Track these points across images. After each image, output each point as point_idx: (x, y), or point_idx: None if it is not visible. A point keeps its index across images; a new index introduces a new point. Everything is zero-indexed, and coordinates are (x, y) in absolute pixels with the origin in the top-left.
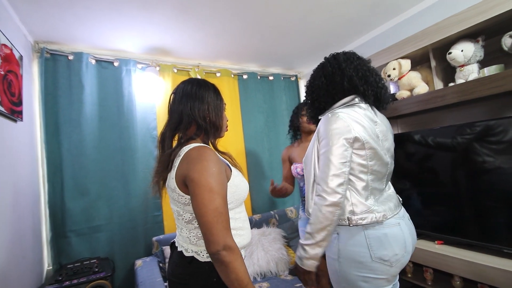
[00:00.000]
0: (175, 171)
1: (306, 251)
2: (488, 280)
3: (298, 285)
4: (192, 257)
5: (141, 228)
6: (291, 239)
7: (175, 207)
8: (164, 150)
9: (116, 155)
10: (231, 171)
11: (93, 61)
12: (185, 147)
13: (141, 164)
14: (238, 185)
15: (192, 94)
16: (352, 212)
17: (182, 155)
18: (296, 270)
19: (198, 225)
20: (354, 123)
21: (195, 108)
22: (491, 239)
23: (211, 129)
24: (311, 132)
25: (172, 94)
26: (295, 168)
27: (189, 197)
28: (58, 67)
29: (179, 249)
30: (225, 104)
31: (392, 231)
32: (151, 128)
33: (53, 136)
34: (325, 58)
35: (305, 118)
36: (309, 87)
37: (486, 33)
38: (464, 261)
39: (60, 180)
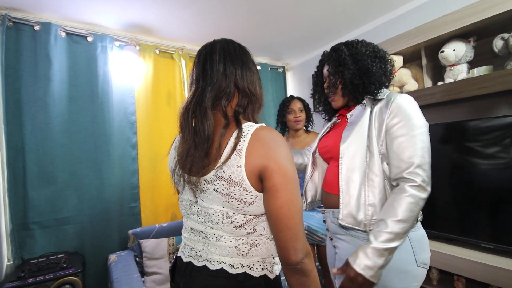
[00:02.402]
0: (243, 158)
1: (385, 257)
2: (464, 272)
3: None
4: (244, 273)
5: (116, 221)
6: None
7: (220, 207)
8: (195, 125)
9: (88, 141)
10: None
11: (63, 34)
12: (245, 125)
13: (116, 151)
14: None
15: (237, 57)
16: None
17: (248, 137)
18: (355, 285)
19: (251, 230)
20: None
21: (244, 75)
22: (469, 233)
23: (256, 103)
24: (297, 130)
25: (205, 54)
26: None
27: (259, 194)
28: (22, 37)
29: (214, 267)
30: None
31: (423, 230)
32: (129, 113)
33: (14, 117)
34: (352, 41)
35: (291, 116)
36: (355, 69)
37: (477, 34)
38: (441, 254)
39: (22, 166)
